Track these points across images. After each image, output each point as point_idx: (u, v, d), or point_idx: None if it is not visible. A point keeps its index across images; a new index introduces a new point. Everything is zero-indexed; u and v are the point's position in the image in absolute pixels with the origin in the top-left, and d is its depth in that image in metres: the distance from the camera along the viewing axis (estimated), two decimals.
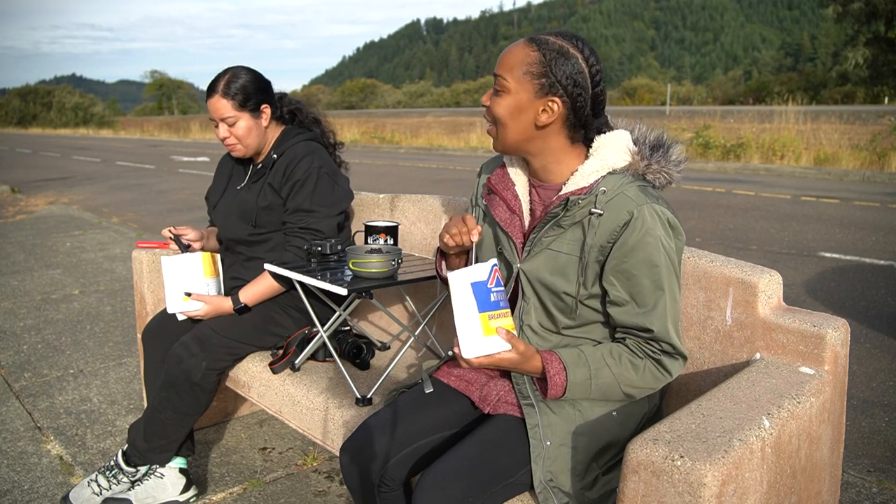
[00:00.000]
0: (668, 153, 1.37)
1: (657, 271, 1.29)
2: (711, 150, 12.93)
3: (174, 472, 2.07)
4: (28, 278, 4.91)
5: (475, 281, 1.22)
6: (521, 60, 1.30)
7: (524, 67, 1.30)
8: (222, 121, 2.05)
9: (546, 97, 1.30)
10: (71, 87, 58.56)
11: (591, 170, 1.34)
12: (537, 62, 1.29)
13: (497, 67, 1.34)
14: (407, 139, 21.30)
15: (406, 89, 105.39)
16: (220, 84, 2.04)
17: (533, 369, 1.30)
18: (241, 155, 2.13)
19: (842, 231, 6.31)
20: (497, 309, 1.23)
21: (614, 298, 1.32)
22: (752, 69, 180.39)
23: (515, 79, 1.31)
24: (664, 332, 1.30)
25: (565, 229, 1.35)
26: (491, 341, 1.22)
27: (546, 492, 1.28)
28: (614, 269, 1.30)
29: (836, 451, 1.49)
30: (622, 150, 1.35)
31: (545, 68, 1.29)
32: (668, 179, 1.37)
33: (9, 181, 11.77)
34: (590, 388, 1.30)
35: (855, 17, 21.10)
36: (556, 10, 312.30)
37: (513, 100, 1.32)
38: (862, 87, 39.81)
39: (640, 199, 1.29)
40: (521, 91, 1.31)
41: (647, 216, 1.27)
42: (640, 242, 1.27)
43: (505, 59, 1.33)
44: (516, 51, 1.32)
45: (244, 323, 2.06)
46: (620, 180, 1.32)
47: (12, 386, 3.00)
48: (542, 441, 1.31)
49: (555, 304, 1.37)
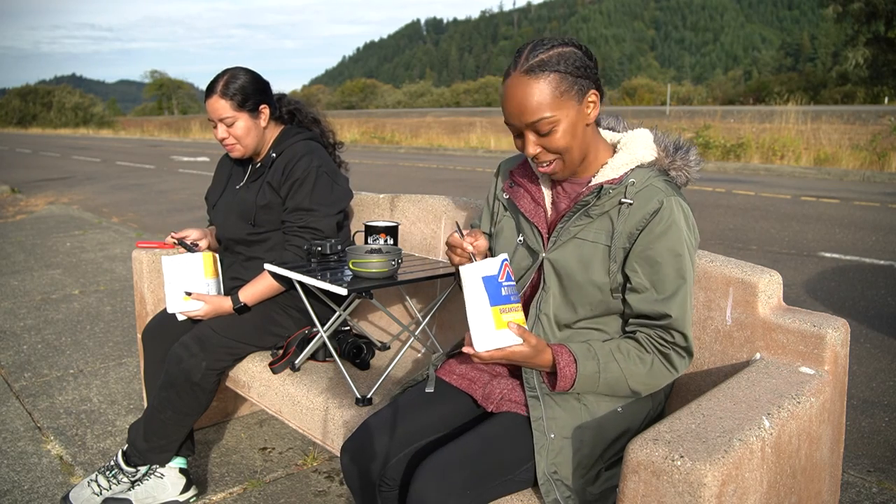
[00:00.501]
0: (688, 153, 1.42)
1: (680, 260, 1.32)
2: (711, 150, 12.93)
3: (174, 472, 2.07)
4: (28, 278, 4.91)
5: (487, 275, 1.24)
6: (546, 91, 1.27)
7: (554, 93, 1.27)
8: (221, 121, 2.05)
9: (586, 96, 1.32)
10: (71, 87, 58.55)
11: (620, 162, 1.38)
12: (558, 81, 1.27)
13: (523, 117, 1.29)
14: (407, 139, 21.31)
15: (406, 89, 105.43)
16: (218, 85, 2.04)
17: (544, 363, 1.30)
18: (240, 155, 2.13)
19: (842, 231, 6.31)
20: (508, 303, 1.24)
21: (635, 285, 1.34)
22: (752, 69, 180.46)
23: (555, 108, 1.28)
24: (681, 320, 1.32)
25: (593, 219, 1.37)
26: (502, 335, 1.23)
27: (549, 484, 1.28)
28: (639, 256, 1.33)
29: (836, 451, 1.49)
30: (649, 146, 1.41)
31: (570, 78, 1.28)
32: (688, 178, 1.43)
33: (9, 181, 11.78)
34: (598, 382, 1.31)
35: (855, 17, 21.11)
36: (556, 10, 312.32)
37: (567, 123, 1.30)
38: (862, 87, 39.83)
39: (668, 190, 1.34)
40: (567, 111, 1.29)
41: (674, 207, 1.32)
42: (666, 231, 1.31)
43: (527, 104, 1.28)
44: (533, 87, 1.27)
45: (244, 323, 2.06)
46: (648, 173, 1.37)
47: (12, 386, 3.00)
48: (546, 433, 1.32)
49: (577, 294, 1.38)
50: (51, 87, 57.85)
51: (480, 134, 19.39)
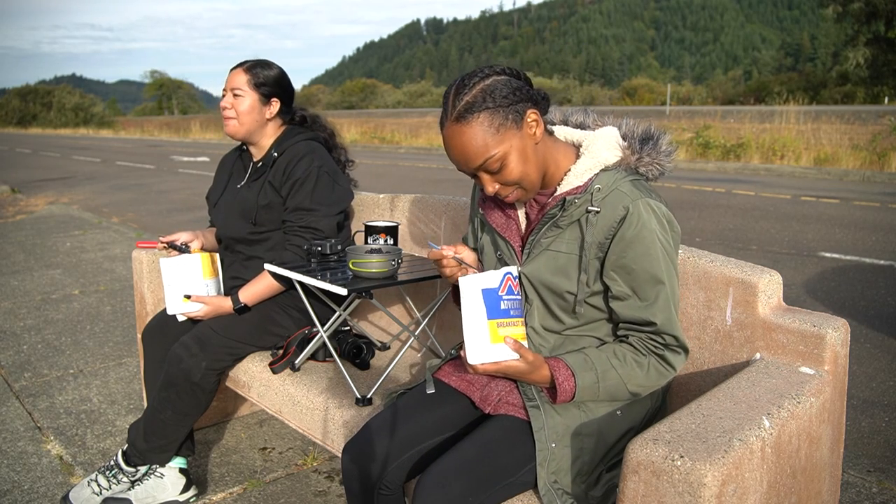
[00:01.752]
0: (657, 144, 1.38)
1: (656, 264, 1.30)
2: (711, 150, 12.92)
3: (174, 472, 2.07)
4: (28, 278, 4.91)
5: (486, 287, 1.21)
6: (480, 133, 1.25)
7: (488, 131, 1.25)
8: (232, 90, 2.09)
9: (523, 121, 1.28)
10: (71, 87, 58.52)
11: (583, 168, 1.34)
12: (489, 119, 1.25)
13: (469, 163, 1.28)
14: (407, 139, 21.30)
15: (406, 89, 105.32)
16: (249, 62, 2.12)
17: (541, 379, 1.30)
18: (233, 133, 2.13)
19: (842, 231, 6.31)
20: (507, 317, 1.22)
21: (616, 293, 1.33)
22: (752, 69, 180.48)
23: (495, 144, 1.26)
24: (668, 324, 1.31)
25: (563, 229, 1.35)
26: (498, 349, 1.21)
27: (550, 494, 1.28)
28: (614, 265, 1.31)
29: (836, 451, 1.49)
30: (612, 147, 1.36)
31: (500, 112, 1.25)
32: (661, 170, 1.38)
33: (9, 181, 11.77)
34: (598, 392, 1.31)
35: (855, 17, 21.09)
36: (556, 10, 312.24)
37: (515, 154, 1.27)
38: (862, 87, 39.79)
39: (634, 194, 1.30)
40: (509, 142, 1.27)
41: (641, 211, 1.28)
42: (636, 237, 1.28)
43: (467, 151, 1.26)
44: (467, 134, 1.25)
45: (244, 323, 2.06)
46: (614, 176, 1.33)
47: (12, 386, 3.00)
48: (548, 444, 1.31)
49: (558, 305, 1.38)
50: (51, 87, 57.84)
51: None
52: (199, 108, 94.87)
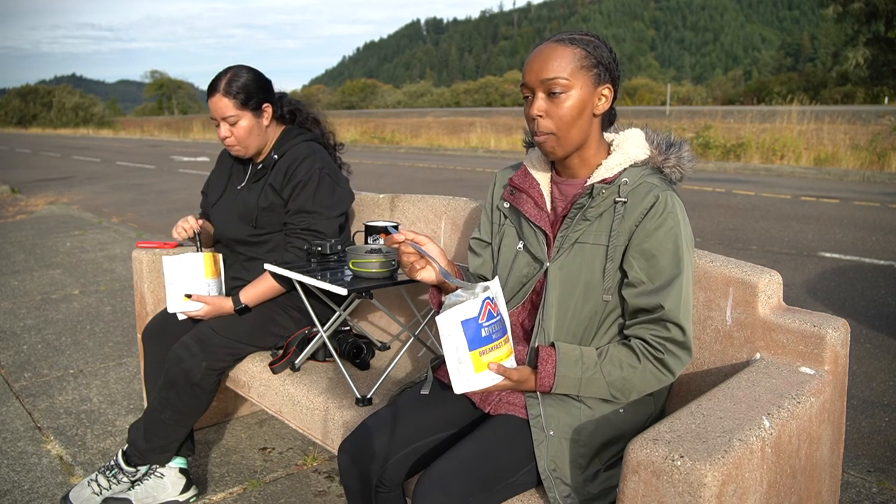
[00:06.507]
0: (680, 149, 1.44)
1: (677, 252, 1.32)
2: (711, 150, 12.92)
3: (174, 472, 2.07)
4: (28, 278, 4.91)
5: (465, 318, 1.17)
6: (569, 57, 1.32)
7: (576, 62, 1.32)
8: (224, 120, 2.04)
9: (600, 86, 1.36)
10: (71, 87, 58.52)
11: (614, 163, 1.39)
12: (583, 56, 1.32)
13: (541, 73, 1.32)
14: (407, 139, 21.30)
15: (406, 89, 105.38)
16: (221, 83, 2.03)
17: (530, 389, 1.33)
18: (241, 155, 2.13)
19: (842, 231, 6.31)
20: (489, 343, 1.19)
21: (632, 279, 1.34)
22: (752, 69, 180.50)
23: (572, 75, 1.32)
24: (676, 311, 1.30)
25: (591, 222, 1.37)
26: (482, 377, 1.20)
27: (549, 480, 1.29)
28: (635, 249, 1.33)
29: (836, 451, 1.49)
30: (642, 145, 1.42)
31: (594, 59, 1.33)
32: (682, 174, 1.43)
33: (9, 181, 11.78)
34: (579, 387, 1.32)
35: (855, 17, 21.06)
36: (556, 9, 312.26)
37: (577, 95, 1.33)
38: (862, 87, 39.77)
39: (663, 185, 1.36)
40: (581, 86, 1.33)
41: (669, 200, 1.33)
42: (662, 223, 1.32)
43: (549, 63, 1.32)
44: (559, 51, 1.32)
45: (244, 323, 2.06)
46: (641, 171, 1.38)
47: (12, 386, 3.00)
48: (545, 430, 1.32)
49: (573, 306, 1.37)
50: (51, 87, 57.84)
51: (480, 134, 19.39)
52: (200, 108, 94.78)
